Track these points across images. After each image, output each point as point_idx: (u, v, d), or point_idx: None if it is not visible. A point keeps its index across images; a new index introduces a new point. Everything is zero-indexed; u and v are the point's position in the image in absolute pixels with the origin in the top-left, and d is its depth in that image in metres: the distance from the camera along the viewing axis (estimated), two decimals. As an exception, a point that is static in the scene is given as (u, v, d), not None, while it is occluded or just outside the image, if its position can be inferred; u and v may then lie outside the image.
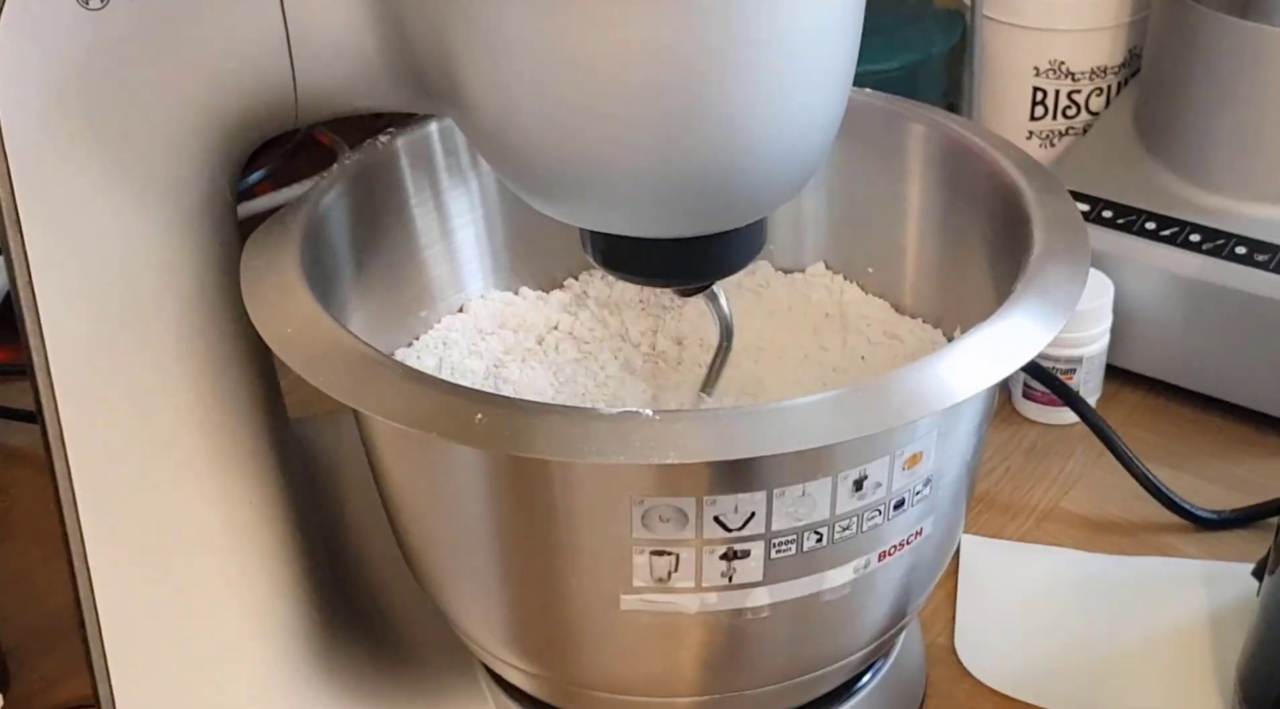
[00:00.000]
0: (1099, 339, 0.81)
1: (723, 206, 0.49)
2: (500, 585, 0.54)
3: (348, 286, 0.59)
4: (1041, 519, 0.76)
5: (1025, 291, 0.51)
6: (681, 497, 0.47)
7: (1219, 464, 0.79)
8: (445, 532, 0.54)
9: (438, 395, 0.47)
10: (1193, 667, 0.66)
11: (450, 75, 0.49)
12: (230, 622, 0.58)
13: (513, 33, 0.46)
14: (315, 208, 0.57)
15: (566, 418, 0.46)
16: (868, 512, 0.49)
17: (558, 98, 0.46)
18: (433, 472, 0.52)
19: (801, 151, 0.49)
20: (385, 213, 0.62)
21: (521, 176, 0.51)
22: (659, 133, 0.46)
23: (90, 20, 0.49)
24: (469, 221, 0.65)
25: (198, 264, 0.54)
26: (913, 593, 0.56)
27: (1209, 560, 0.72)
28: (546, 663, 0.56)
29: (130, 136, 0.51)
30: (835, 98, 0.49)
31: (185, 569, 0.57)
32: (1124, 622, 0.69)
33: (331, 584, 0.62)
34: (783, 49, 0.46)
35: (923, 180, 0.63)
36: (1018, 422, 0.83)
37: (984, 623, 0.69)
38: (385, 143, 0.62)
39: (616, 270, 0.53)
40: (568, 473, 0.48)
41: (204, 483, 0.56)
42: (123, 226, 0.52)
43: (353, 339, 0.49)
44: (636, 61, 0.45)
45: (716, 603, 0.50)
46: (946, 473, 0.52)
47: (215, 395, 0.55)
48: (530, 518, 0.50)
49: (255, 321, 0.51)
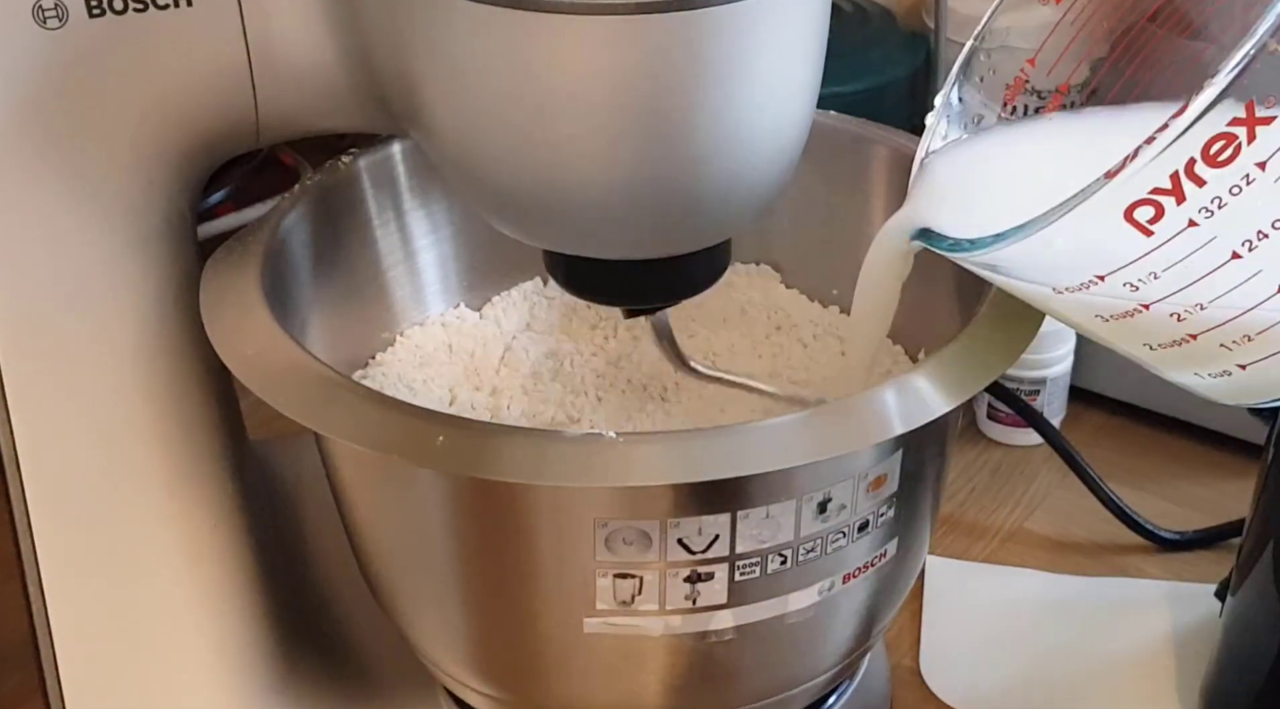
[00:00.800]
0: (1063, 360, 0.82)
1: (685, 229, 0.49)
2: (462, 608, 0.53)
3: (308, 307, 0.59)
4: (1006, 540, 0.76)
5: (989, 313, 0.51)
6: (645, 519, 0.47)
7: (1182, 485, 0.79)
8: (407, 554, 0.54)
9: (398, 417, 0.46)
10: (1156, 687, 0.67)
11: (412, 97, 0.49)
12: (188, 645, 0.58)
13: (475, 56, 0.46)
14: (276, 229, 0.56)
15: (529, 440, 0.45)
16: (832, 534, 0.49)
17: (520, 122, 0.46)
18: (394, 494, 0.52)
19: (765, 175, 0.49)
20: (347, 233, 0.62)
21: (484, 197, 0.50)
22: (621, 157, 0.46)
23: (48, 40, 0.48)
24: (432, 242, 0.65)
25: (157, 284, 0.53)
26: (878, 615, 0.56)
27: (1172, 581, 0.73)
28: (509, 686, 0.55)
29: (89, 156, 0.50)
30: (799, 121, 0.49)
31: (143, 592, 0.57)
32: (1088, 642, 0.69)
33: (292, 607, 0.61)
34: (746, 74, 0.46)
35: (887, 202, 0.63)
36: (982, 443, 0.83)
37: (949, 644, 0.70)
38: (348, 163, 0.61)
39: (579, 291, 0.53)
40: (530, 495, 0.48)
41: (162, 505, 0.56)
42: (81, 247, 0.52)
43: (313, 360, 0.49)
44: (599, 88, 0.45)
45: (681, 626, 0.50)
46: (911, 495, 0.52)
47: (174, 416, 0.55)
48: (492, 541, 0.50)
49: (215, 343, 0.50)
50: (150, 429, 0.55)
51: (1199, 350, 0.42)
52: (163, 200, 0.53)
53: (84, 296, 0.52)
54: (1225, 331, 0.41)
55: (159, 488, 0.55)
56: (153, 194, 0.52)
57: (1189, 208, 0.38)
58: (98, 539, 0.55)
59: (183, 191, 0.53)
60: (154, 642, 0.57)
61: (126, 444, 0.54)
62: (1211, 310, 0.41)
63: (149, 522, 0.56)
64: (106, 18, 0.49)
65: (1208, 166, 0.37)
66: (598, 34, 0.44)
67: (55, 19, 0.48)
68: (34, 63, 0.48)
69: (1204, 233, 0.39)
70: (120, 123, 0.50)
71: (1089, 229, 0.39)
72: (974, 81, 0.50)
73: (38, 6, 0.48)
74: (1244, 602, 0.61)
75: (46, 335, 0.52)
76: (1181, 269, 0.39)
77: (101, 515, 0.55)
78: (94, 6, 0.48)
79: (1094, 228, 0.39)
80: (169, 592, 0.57)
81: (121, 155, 0.51)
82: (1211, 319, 0.41)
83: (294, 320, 0.55)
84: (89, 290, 0.52)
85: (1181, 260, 0.39)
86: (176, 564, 0.56)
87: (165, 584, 0.57)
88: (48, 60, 0.48)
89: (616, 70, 0.44)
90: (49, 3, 0.48)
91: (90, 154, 0.50)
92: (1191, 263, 0.39)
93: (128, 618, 0.57)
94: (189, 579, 0.57)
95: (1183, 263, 0.39)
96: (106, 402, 0.54)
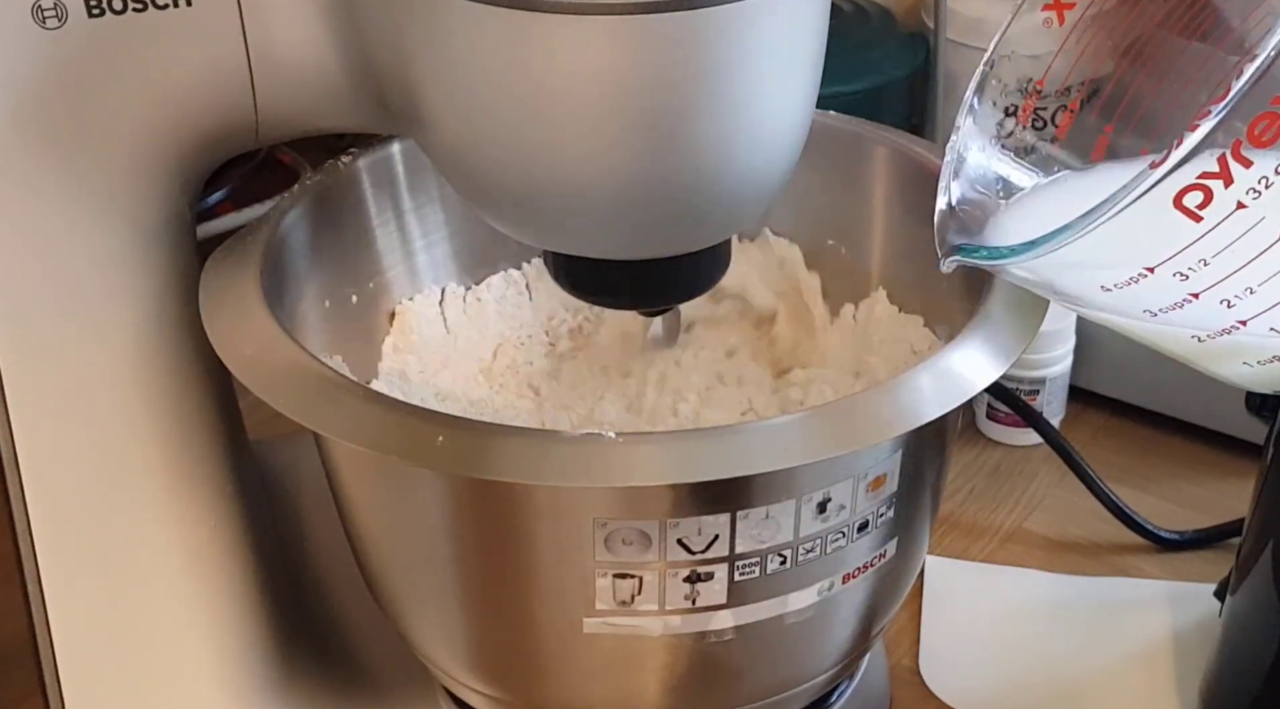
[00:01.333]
0: (1062, 360, 0.82)
1: (685, 229, 0.49)
2: (462, 608, 0.53)
3: (308, 307, 0.59)
4: (1005, 540, 0.76)
5: (988, 314, 0.51)
6: (644, 519, 0.47)
7: (1181, 485, 0.79)
8: (406, 554, 0.54)
9: (398, 417, 0.46)
10: (1156, 687, 0.67)
11: (412, 97, 0.49)
12: (187, 645, 0.58)
13: (474, 56, 0.46)
14: (276, 228, 0.56)
15: (529, 440, 0.45)
16: (832, 534, 0.49)
17: (519, 121, 0.46)
18: (393, 494, 0.52)
19: (765, 174, 0.49)
20: (347, 234, 0.62)
21: (483, 198, 0.50)
22: (620, 157, 0.46)
23: (48, 40, 0.48)
24: (431, 242, 0.65)
25: (156, 285, 0.53)
26: (877, 615, 0.56)
27: (1172, 581, 0.73)
28: (508, 686, 0.55)
29: (88, 156, 0.50)
30: (798, 121, 0.49)
31: (142, 592, 0.56)
32: (1087, 642, 0.69)
33: (291, 607, 0.61)
34: (745, 74, 0.46)
35: (886, 202, 0.63)
36: (982, 443, 0.83)
37: (948, 644, 0.70)
38: (347, 163, 0.61)
39: (580, 292, 0.53)
40: (530, 495, 0.48)
41: (162, 505, 0.56)
42: (80, 246, 0.52)
43: (312, 360, 0.49)
44: (598, 87, 0.45)
45: (680, 626, 0.50)
46: (910, 495, 0.52)
47: (174, 416, 0.55)
48: (492, 541, 0.50)
49: (214, 343, 0.50)
50: (149, 429, 0.55)
51: (1248, 338, 0.42)
52: (162, 200, 0.53)
53: (83, 296, 0.52)
54: (1277, 314, 0.41)
55: (158, 488, 0.55)
56: (152, 193, 0.52)
57: (1237, 190, 0.38)
58: (97, 539, 0.55)
59: (182, 191, 0.53)
60: (153, 641, 0.57)
61: (126, 444, 0.54)
62: (1262, 293, 0.41)
63: (148, 521, 0.56)
64: (106, 18, 0.48)
65: (1254, 147, 0.38)
66: (597, 34, 0.44)
67: (55, 19, 0.48)
68: (33, 63, 0.48)
69: (1253, 214, 0.39)
70: (119, 122, 0.50)
71: (1138, 221, 0.39)
72: (988, 103, 0.50)
73: (37, 6, 0.48)
74: (1243, 602, 0.61)
75: (46, 335, 0.52)
76: (1231, 253, 0.40)
77: (101, 515, 0.55)
78: (93, 6, 0.48)
79: (1143, 219, 0.39)
80: (168, 591, 0.57)
81: (121, 155, 0.51)
82: (1263, 302, 0.41)
83: (293, 321, 0.55)
84: (88, 290, 0.52)
85: (1231, 244, 0.39)
86: (176, 564, 0.56)
87: (165, 584, 0.57)
88: (47, 60, 0.48)
89: (616, 70, 0.44)
90: (48, 2, 0.48)
91: (89, 153, 0.50)
92: (1241, 245, 0.39)
93: (127, 617, 0.57)
94: (188, 579, 0.57)
95: (1232, 246, 0.39)
96: (105, 401, 0.54)
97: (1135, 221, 0.39)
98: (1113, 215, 0.39)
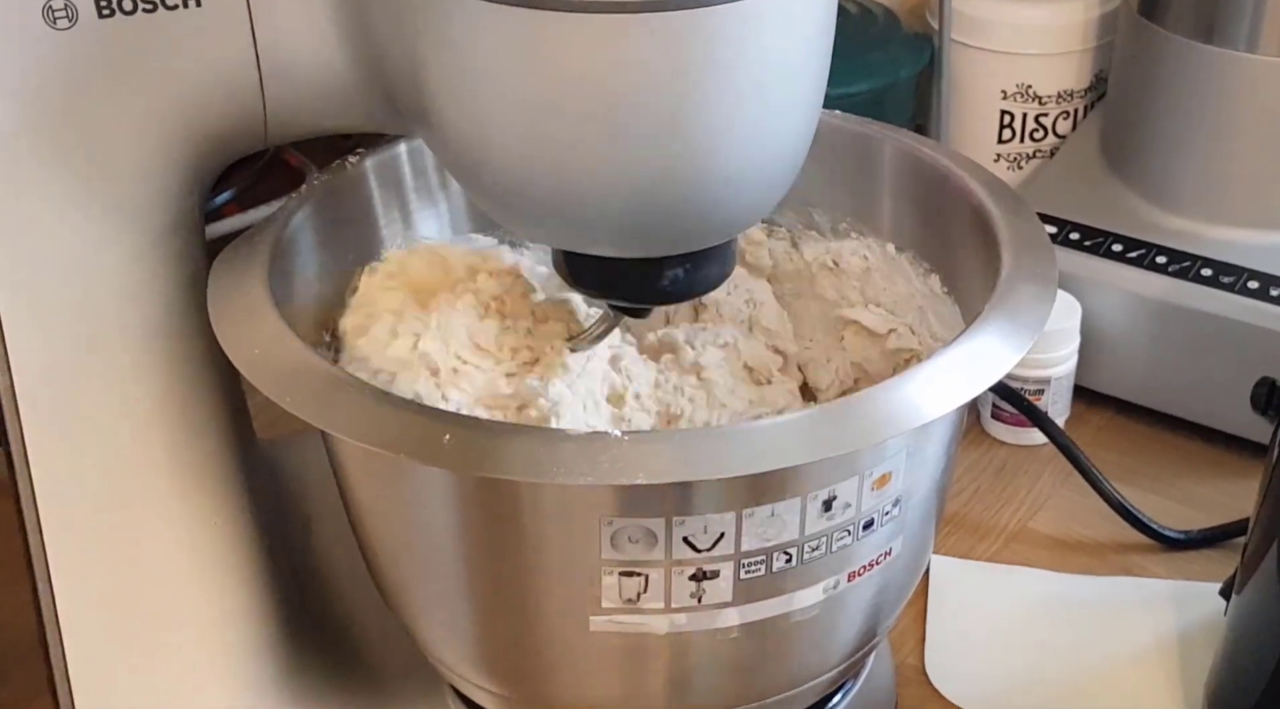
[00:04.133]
0: (1067, 360, 0.82)
1: (692, 227, 0.49)
2: (468, 606, 0.53)
3: (315, 306, 0.59)
4: (1010, 539, 0.76)
5: (993, 312, 0.51)
6: (650, 517, 0.47)
7: (1186, 484, 0.79)
8: (413, 553, 0.54)
9: (405, 416, 0.47)
10: (1161, 686, 0.67)
11: (420, 95, 0.49)
12: (195, 643, 0.58)
13: (483, 54, 0.46)
14: (283, 229, 0.57)
15: (535, 438, 0.46)
16: (837, 532, 0.49)
17: (527, 119, 0.46)
18: (401, 493, 0.52)
19: (771, 173, 0.49)
20: (354, 234, 0.62)
21: (491, 195, 0.51)
22: (629, 156, 0.46)
23: (58, 40, 0.48)
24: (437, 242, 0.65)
25: (165, 284, 0.53)
26: (882, 613, 0.56)
27: (1177, 580, 0.73)
28: (515, 684, 0.56)
29: (97, 156, 0.51)
30: (805, 120, 0.49)
31: (150, 591, 0.57)
32: (1092, 641, 0.69)
33: (298, 605, 0.61)
34: (753, 73, 0.46)
35: (891, 202, 0.63)
36: (986, 442, 0.83)
37: (953, 643, 0.70)
38: (354, 164, 0.61)
39: (587, 289, 0.53)
40: (536, 494, 0.48)
41: (170, 504, 0.56)
42: (89, 247, 0.52)
43: (320, 359, 0.49)
44: (608, 85, 0.45)
45: (686, 624, 0.50)
46: (916, 493, 0.52)
47: (182, 416, 0.55)
48: (498, 539, 0.50)
49: (222, 342, 0.51)
50: (158, 428, 0.55)
51: None
52: (171, 199, 0.53)
53: (92, 296, 0.52)
54: None
55: (167, 487, 0.55)
56: (161, 193, 0.52)
57: None
58: (106, 538, 0.56)
59: (191, 191, 0.54)
60: (161, 639, 0.57)
61: (135, 443, 0.55)
62: None
63: (157, 520, 0.56)
64: (116, 18, 0.49)
65: None
66: (606, 31, 0.44)
67: (65, 19, 0.48)
68: (44, 63, 0.49)
69: None
70: (128, 123, 0.51)
71: None
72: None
73: (48, 7, 0.48)
74: (1249, 600, 0.61)
75: (55, 335, 0.52)
76: None
77: (110, 514, 0.55)
78: (104, 7, 0.48)
79: None
80: (177, 590, 0.57)
81: (129, 155, 0.51)
82: None
83: (300, 319, 0.55)
84: (97, 289, 0.52)
85: None
86: (185, 562, 0.57)
87: (173, 582, 0.57)
88: (57, 60, 0.49)
89: (624, 67, 0.44)
90: (59, 3, 0.48)
91: (99, 153, 0.51)
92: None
93: (136, 616, 0.57)
94: (197, 578, 0.57)
95: None
96: (114, 401, 0.54)
97: None
98: None
